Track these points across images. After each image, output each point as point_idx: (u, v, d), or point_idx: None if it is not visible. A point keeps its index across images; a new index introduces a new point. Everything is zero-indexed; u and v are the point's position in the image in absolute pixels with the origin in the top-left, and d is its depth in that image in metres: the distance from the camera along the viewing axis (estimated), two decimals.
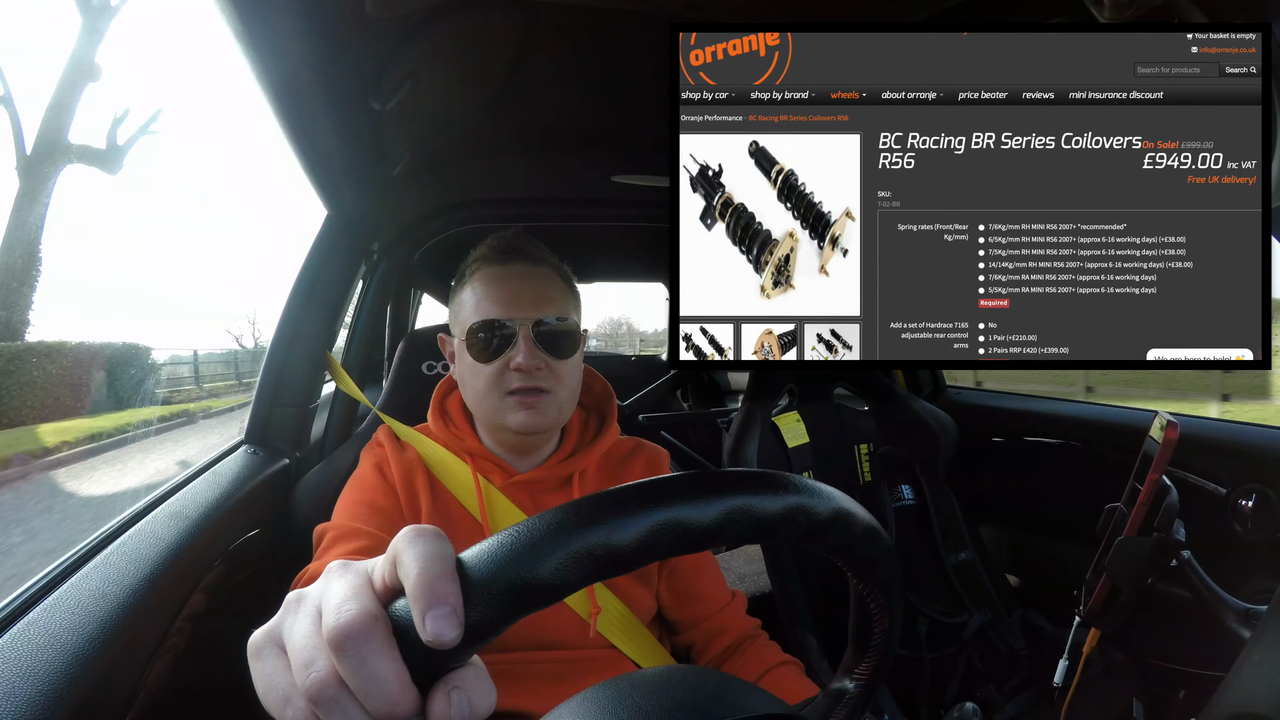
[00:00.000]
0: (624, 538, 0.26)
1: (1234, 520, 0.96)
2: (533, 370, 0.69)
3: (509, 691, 0.65)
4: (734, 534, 0.29)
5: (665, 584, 0.78)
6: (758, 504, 0.29)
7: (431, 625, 0.23)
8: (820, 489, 0.32)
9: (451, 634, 0.23)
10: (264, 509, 0.86)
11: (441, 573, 0.24)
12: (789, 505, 0.30)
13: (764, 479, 0.30)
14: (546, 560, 0.25)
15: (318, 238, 1.05)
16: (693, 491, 0.28)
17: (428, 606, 0.23)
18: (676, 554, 0.28)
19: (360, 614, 0.24)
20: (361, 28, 0.60)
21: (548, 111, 0.88)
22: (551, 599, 0.25)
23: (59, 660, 0.46)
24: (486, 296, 0.71)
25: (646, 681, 0.32)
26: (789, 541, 0.31)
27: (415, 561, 0.24)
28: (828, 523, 0.32)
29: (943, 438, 1.30)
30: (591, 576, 0.25)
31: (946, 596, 1.20)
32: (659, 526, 0.27)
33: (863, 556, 0.35)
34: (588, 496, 0.27)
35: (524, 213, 1.28)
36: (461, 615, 0.23)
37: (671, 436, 1.83)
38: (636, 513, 0.26)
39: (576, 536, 0.25)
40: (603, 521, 0.26)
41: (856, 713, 0.41)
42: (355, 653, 0.23)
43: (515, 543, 0.25)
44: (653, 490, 0.28)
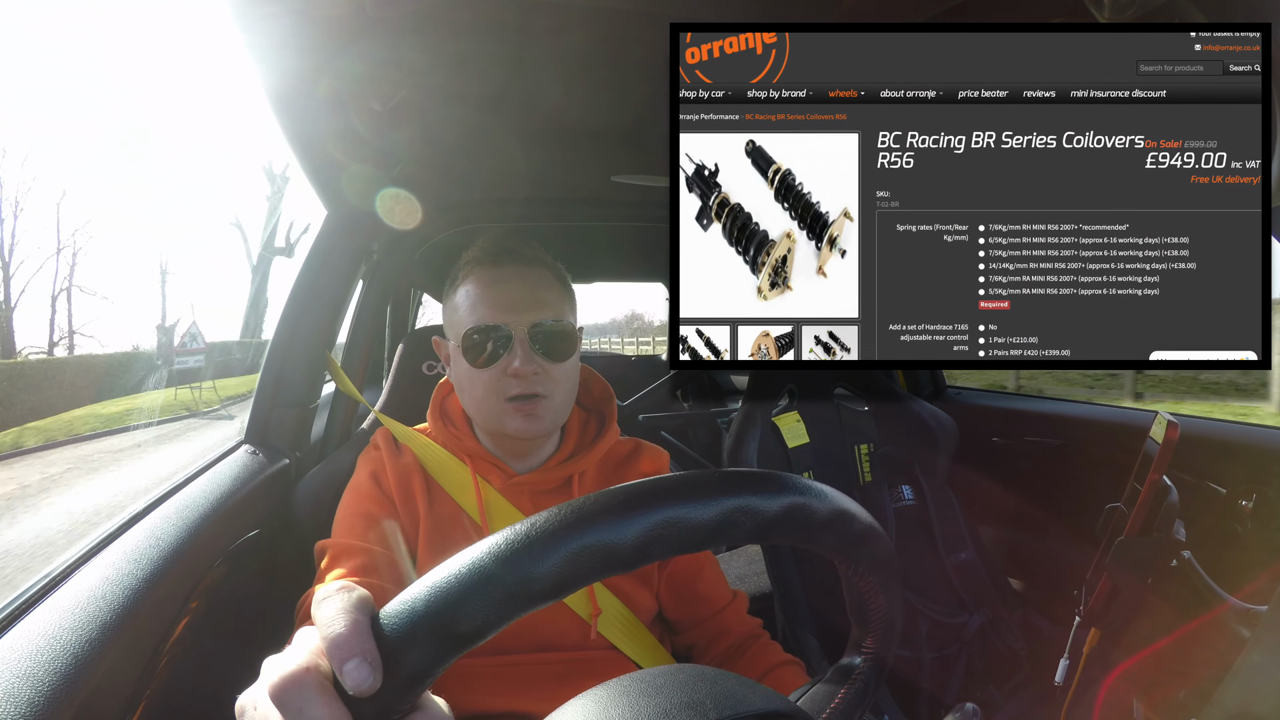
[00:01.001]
0: (543, 570, 0.26)
1: (1234, 520, 0.96)
2: (530, 375, 0.69)
3: (510, 694, 0.65)
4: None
5: (665, 585, 0.77)
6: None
7: (347, 678, 0.26)
8: (820, 489, 0.32)
9: (366, 680, 0.25)
10: (264, 509, 0.86)
11: (344, 626, 0.27)
12: (789, 505, 0.30)
13: (765, 479, 0.30)
14: (465, 605, 0.26)
15: (318, 238, 1.05)
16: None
17: (339, 662, 0.26)
18: (601, 577, 0.28)
19: (294, 670, 0.27)
20: (361, 28, 0.60)
21: (548, 111, 0.87)
22: (474, 641, 0.26)
23: (59, 660, 0.46)
24: (481, 300, 0.70)
25: (643, 682, 0.32)
26: (789, 541, 0.31)
27: (323, 625, 0.27)
28: (827, 522, 0.32)
29: (943, 438, 1.30)
30: (513, 614, 0.26)
31: (946, 596, 1.20)
32: (576, 553, 0.27)
33: (862, 557, 0.35)
34: (503, 531, 0.28)
35: (524, 213, 1.27)
36: (374, 659, 0.26)
37: (671, 436, 1.83)
38: (555, 545, 0.27)
39: (493, 577, 0.26)
40: (524, 553, 0.26)
41: (867, 690, 0.41)
42: (293, 705, 0.26)
43: (433, 589, 0.26)
44: (572, 514, 0.28)
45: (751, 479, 0.30)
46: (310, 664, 0.27)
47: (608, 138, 0.98)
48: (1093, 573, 0.76)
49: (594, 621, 0.69)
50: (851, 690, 0.41)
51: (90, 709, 0.46)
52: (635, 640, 0.72)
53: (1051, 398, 1.44)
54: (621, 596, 0.73)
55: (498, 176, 1.15)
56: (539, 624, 0.68)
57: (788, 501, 0.30)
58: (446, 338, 0.76)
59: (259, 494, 0.85)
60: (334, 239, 1.04)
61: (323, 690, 0.26)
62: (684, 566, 0.78)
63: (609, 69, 0.76)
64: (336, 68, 0.66)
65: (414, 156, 0.98)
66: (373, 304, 1.21)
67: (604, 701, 0.31)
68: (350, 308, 1.13)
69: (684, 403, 2.48)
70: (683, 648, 0.79)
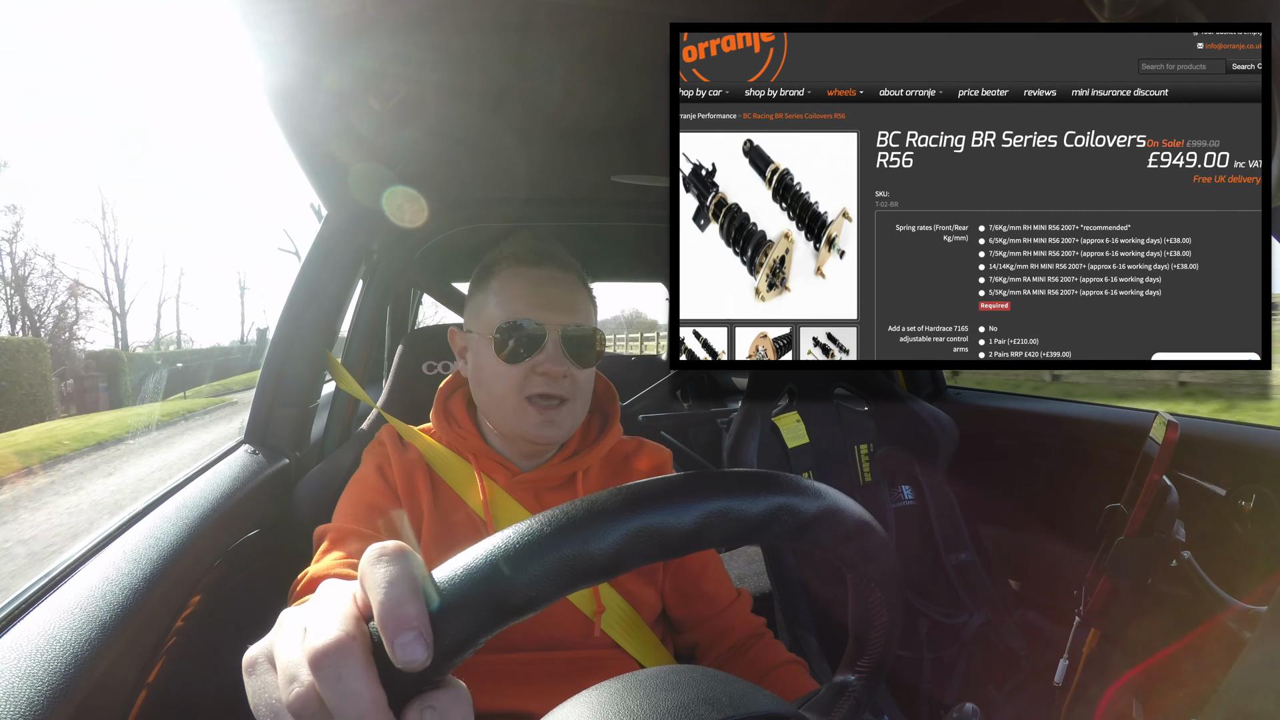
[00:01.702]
0: (602, 547, 0.26)
1: (1234, 520, 0.96)
2: (558, 376, 0.70)
3: (513, 692, 0.65)
4: (715, 537, 0.29)
5: (670, 582, 0.77)
6: (739, 506, 0.30)
7: (400, 652, 0.24)
8: (807, 486, 0.32)
9: (420, 656, 0.24)
10: (264, 509, 0.86)
11: (403, 596, 0.25)
12: (772, 506, 0.30)
13: (744, 480, 0.31)
14: (521, 574, 0.25)
15: (318, 238, 1.05)
16: (671, 497, 0.28)
17: (394, 633, 0.24)
18: (656, 560, 0.28)
19: (337, 635, 0.25)
20: (361, 27, 0.60)
21: (548, 111, 0.87)
22: (525, 612, 0.26)
23: (59, 660, 0.46)
24: (517, 296, 0.71)
25: (640, 683, 0.32)
26: (776, 541, 0.32)
27: (378, 588, 0.25)
28: (815, 520, 0.32)
29: (943, 438, 1.30)
30: (566, 588, 0.26)
31: (946, 596, 1.20)
32: (635, 534, 0.27)
33: (856, 551, 0.35)
34: (561, 506, 0.27)
35: (524, 212, 1.27)
36: (429, 637, 0.24)
37: (671, 436, 1.83)
38: (616, 522, 0.27)
39: (550, 548, 0.26)
40: (578, 532, 0.26)
41: (860, 707, 0.41)
42: (331, 671, 0.24)
43: (488, 557, 0.26)
44: (631, 496, 0.28)
45: (731, 481, 0.31)
46: (353, 631, 0.25)
47: (608, 137, 0.98)
48: (1092, 573, 0.76)
49: (598, 618, 0.69)
50: (850, 699, 0.41)
51: (90, 708, 0.46)
52: (637, 639, 0.72)
53: (1051, 398, 1.44)
54: (625, 594, 0.73)
55: (498, 176, 1.15)
56: (542, 622, 0.68)
57: (770, 502, 0.31)
58: (467, 330, 0.76)
59: (259, 494, 0.85)
60: (334, 239, 1.04)
61: (367, 663, 0.25)
62: (689, 564, 0.78)
63: (609, 68, 0.76)
64: (336, 67, 0.66)
65: (414, 156, 0.98)
66: (373, 304, 1.21)
67: (595, 704, 0.31)
68: (350, 307, 1.13)
69: (684, 403, 2.48)
70: (685, 646, 0.79)
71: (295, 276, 1.03)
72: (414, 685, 0.25)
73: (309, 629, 0.26)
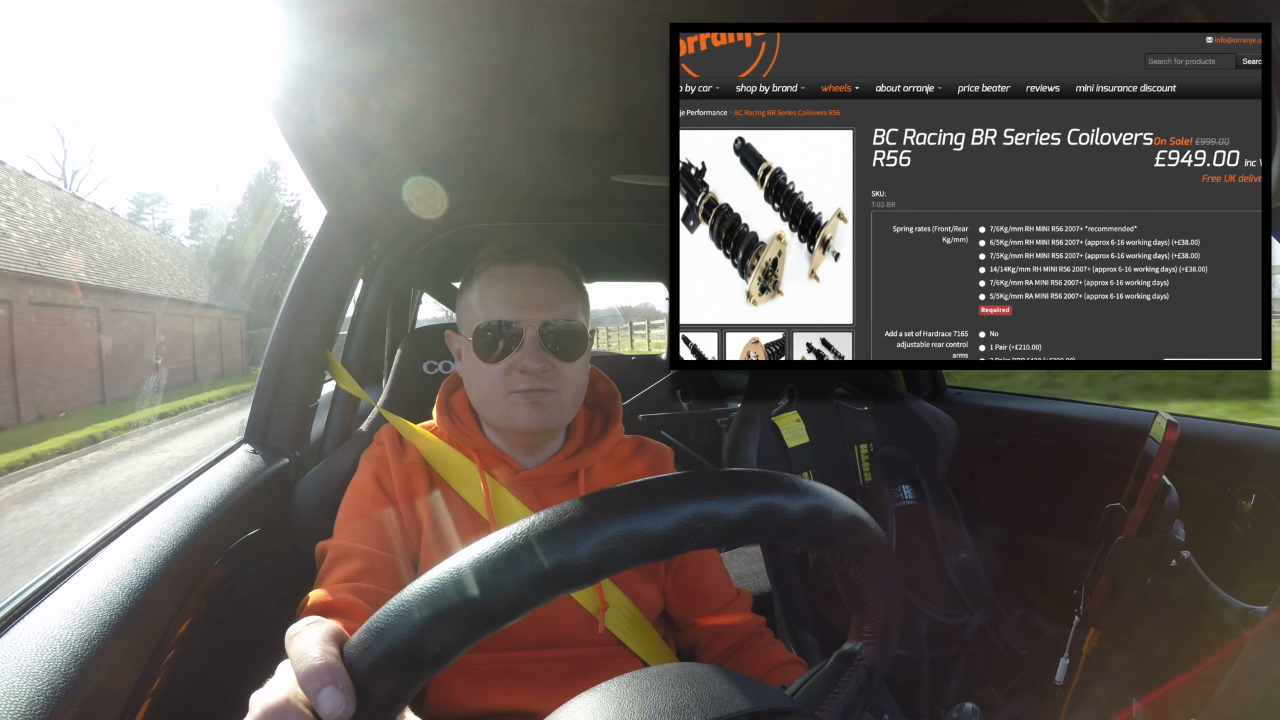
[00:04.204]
0: (501, 594, 0.27)
1: (1234, 520, 0.95)
2: (539, 372, 0.69)
3: (516, 690, 0.66)
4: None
5: (671, 581, 0.78)
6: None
7: (322, 705, 0.27)
8: (791, 484, 0.32)
9: (341, 708, 0.27)
10: (264, 509, 0.86)
11: (317, 658, 0.28)
12: (754, 506, 0.30)
13: (724, 481, 0.30)
14: (434, 628, 0.26)
15: (317, 238, 1.05)
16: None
17: (313, 691, 0.27)
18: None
19: (276, 702, 0.29)
20: (361, 26, 0.60)
21: (548, 111, 0.87)
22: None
23: (59, 660, 0.46)
24: (494, 296, 0.71)
25: (638, 683, 0.32)
26: (764, 540, 0.31)
27: (297, 658, 0.29)
28: (803, 517, 0.31)
29: (943, 438, 1.30)
30: (476, 635, 0.27)
31: (946, 596, 1.20)
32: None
33: (848, 546, 0.34)
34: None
35: (524, 213, 1.27)
36: (349, 690, 0.27)
37: (671, 436, 1.83)
38: (511, 567, 0.27)
39: (463, 595, 0.27)
40: (482, 577, 0.27)
41: (871, 679, 0.40)
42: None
43: (396, 613, 0.27)
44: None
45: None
46: (290, 695, 0.29)
47: (608, 137, 0.98)
48: (1092, 573, 0.76)
49: (601, 615, 0.70)
50: (850, 680, 0.41)
51: (91, 708, 0.46)
52: (640, 636, 0.72)
53: (1051, 398, 1.44)
54: (628, 591, 0.73)
55: (498, 176, 1.15)
56: (545, 619, 0.68)
57: (753, 502, 0.31)
58: (459, 332, 0.77)
59: (259, 493, 0.85)
60: (334, 239, 1.04)
61: (301, 719, 0.28)
62: (690, 563, 0.78)
63: (609, 69, 0.76)
64: (336, 67, 0.65)
65: (414, 156, 0.97)
66: (373, 304, 1.21)
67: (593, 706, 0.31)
68: (350, 307, 1.13)
69: (684, 403, 2.48)
70: (685, 645, 0.79)
71: (295, 276, 1.03)
72: None
73: (257, 704, 0.30)
